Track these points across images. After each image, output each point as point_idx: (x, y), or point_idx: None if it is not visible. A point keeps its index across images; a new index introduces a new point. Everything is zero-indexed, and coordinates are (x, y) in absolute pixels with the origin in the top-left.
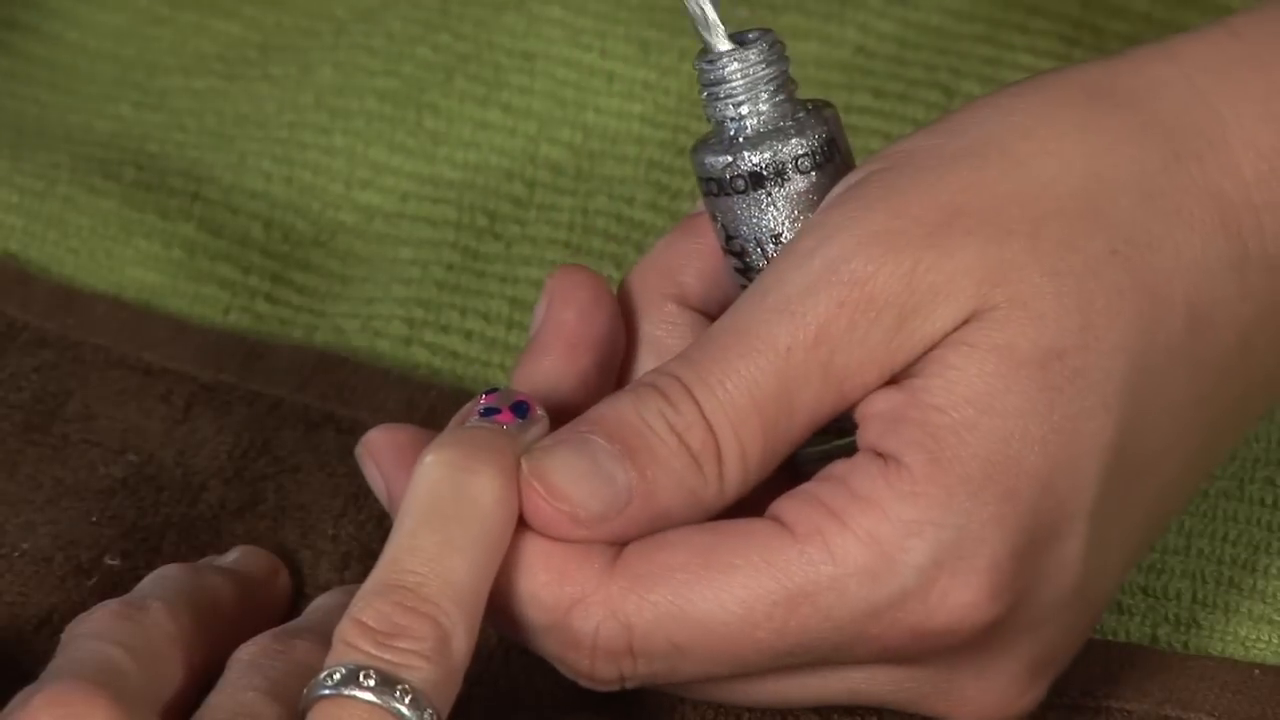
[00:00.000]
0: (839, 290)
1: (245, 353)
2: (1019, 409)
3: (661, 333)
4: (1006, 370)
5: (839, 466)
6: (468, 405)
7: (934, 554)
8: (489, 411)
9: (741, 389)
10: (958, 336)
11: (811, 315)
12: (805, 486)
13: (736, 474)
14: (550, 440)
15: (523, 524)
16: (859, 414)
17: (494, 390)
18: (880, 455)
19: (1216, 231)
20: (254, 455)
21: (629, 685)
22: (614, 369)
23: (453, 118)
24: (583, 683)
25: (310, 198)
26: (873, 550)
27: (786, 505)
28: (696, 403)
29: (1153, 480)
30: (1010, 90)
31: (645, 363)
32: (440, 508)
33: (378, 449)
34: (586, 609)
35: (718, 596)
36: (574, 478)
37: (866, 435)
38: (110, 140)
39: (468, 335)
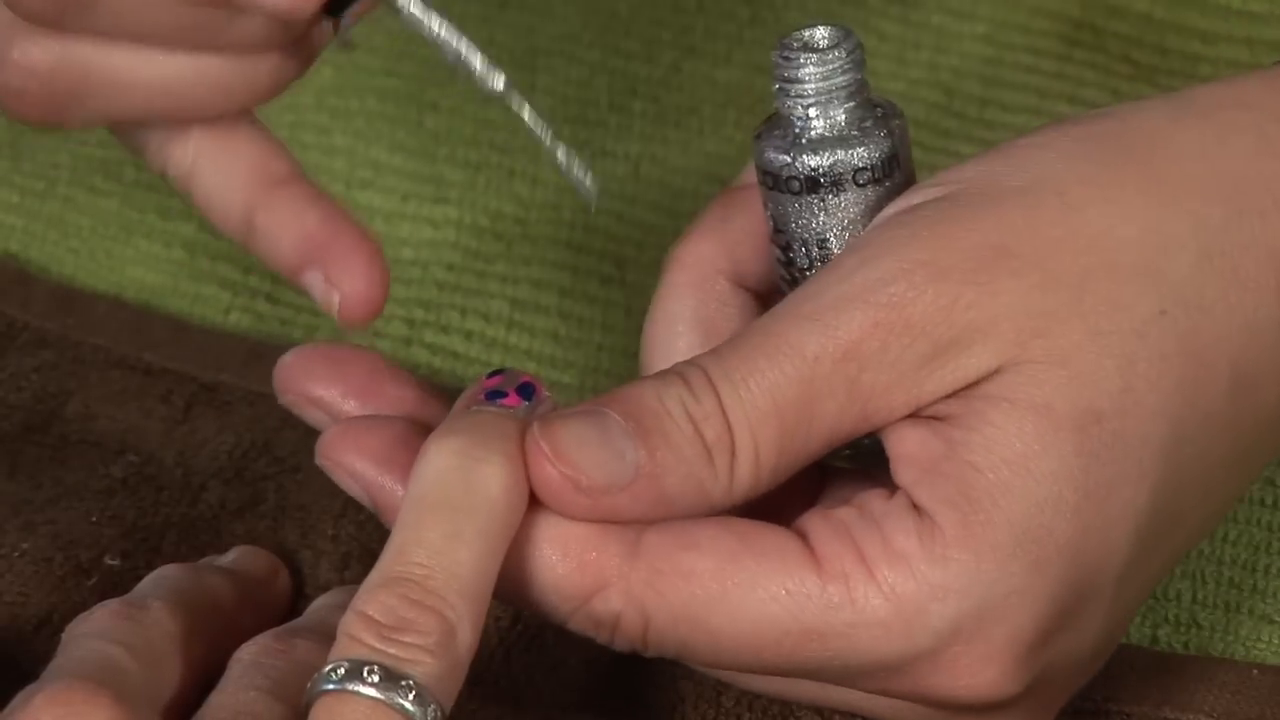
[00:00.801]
0: (876, 310)
1: (245, 353)
2: (1054, 473)
3: (711, 311)
4: (1044, 432)
5: (877, 503)
6: (471, 388)
7: (954, 621)
8: (494, 394)
9: (764, 390)
10: (996, 390)
11: (844, 329)
12: (841, 514)
13: (748, 474)
14: (564, 411)
15: (540, 509)
16: (891, 451)
17: (498, 372)
18: (916, 508)
19: (1271, 293)
20: (254, 455)
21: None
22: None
23: (454, 116)
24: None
25: None
26: (893, 606)
27: (819, 531)
28: (718, 396)
29: (1179, 535)
30: (1074, 130)
31: (691, 341)
32: (448, 498)
33: (355, 455)
34: (607, 597)
35: (731, 614)
36: (582, 445)
37: (901, 476)
38: (110, 140)
39: (468, 335)
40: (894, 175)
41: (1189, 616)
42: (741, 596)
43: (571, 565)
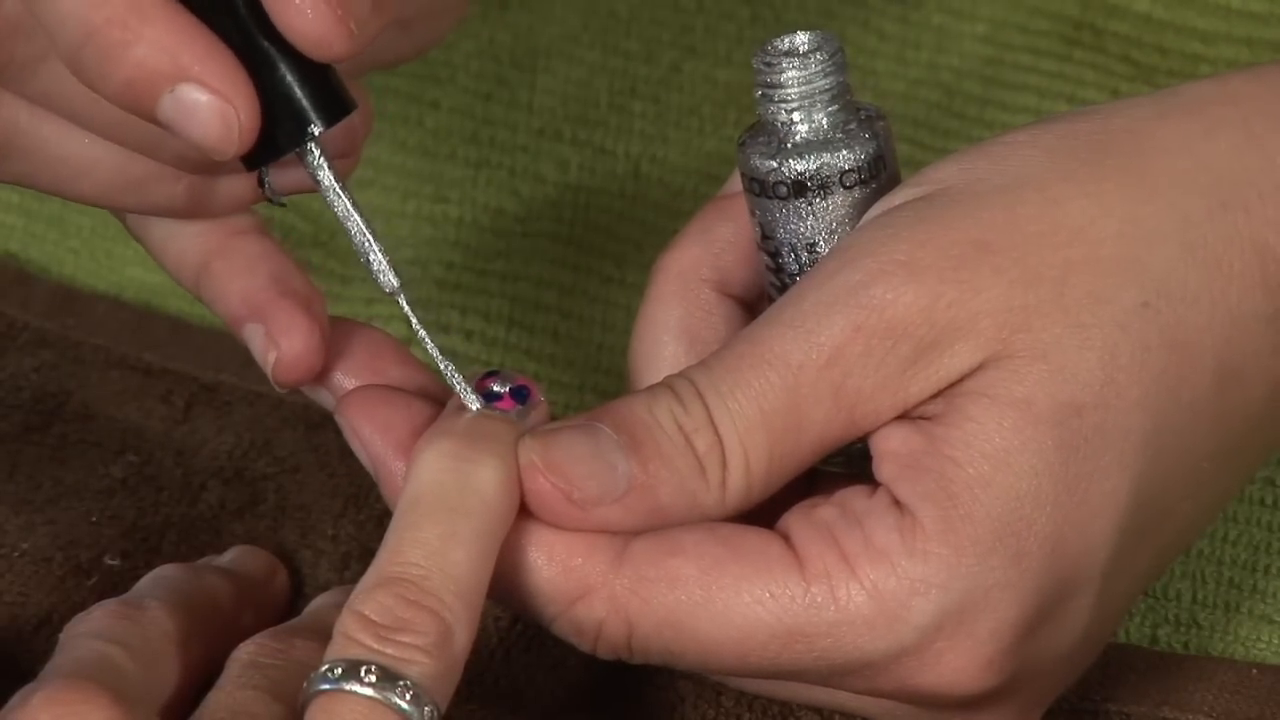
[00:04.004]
0: (857, 314)
1: (245, 352)
2: (1033, 468)
3: (697, 320)
4: (1024, 426)
5: (858, 501)
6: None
7: (936, 616)
8: (489, 397)
9: (751, 400)
10: (977, 386)
11: (826, 335)
12: (822, 512)
13: (740, 484)
14: (556, 425)
15: (528, 516)
16: (875, 449)
17: (494, 372)
18: (897, 504)
19: (1255, 286)
20: (254, 455)
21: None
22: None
23: (454, 115)
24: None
25: (310, 197)
26: (876, 604)
27: (801, 531)
28: (707, 408)
29: (1168, 529)
30: (1057, 128)
31: (677, 350)
32: (444, 499)
33: (366, 426)
34: (591, 604)
35: (715, 619)
36: (574, 457)
37: (882, 472)
38: None
39: (468, 335)
40: (880, 176)
41: (1189, 616)
42: (726, 601)
43: (556, 570)
